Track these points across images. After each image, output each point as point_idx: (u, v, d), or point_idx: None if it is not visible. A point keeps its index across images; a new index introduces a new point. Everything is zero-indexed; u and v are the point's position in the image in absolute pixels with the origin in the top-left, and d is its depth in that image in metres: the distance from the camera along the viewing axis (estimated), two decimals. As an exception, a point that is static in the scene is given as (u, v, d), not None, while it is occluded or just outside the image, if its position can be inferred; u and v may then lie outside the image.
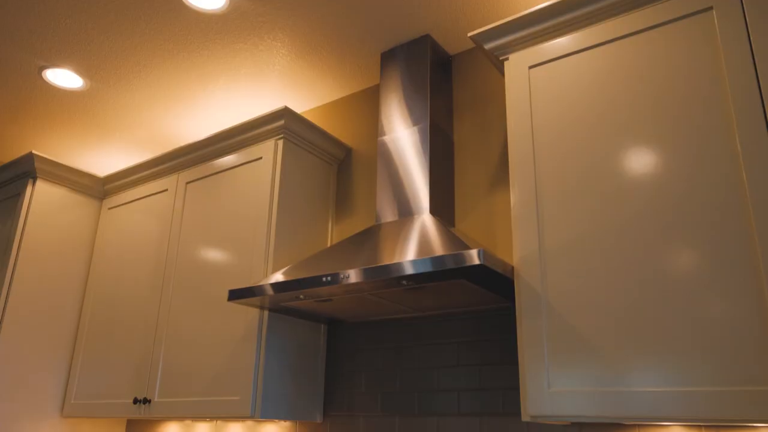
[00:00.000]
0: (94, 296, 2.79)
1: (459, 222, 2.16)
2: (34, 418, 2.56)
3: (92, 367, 2.63)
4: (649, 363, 1.34)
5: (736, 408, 1.21)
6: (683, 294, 1.34)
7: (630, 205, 1.47)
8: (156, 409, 2.28)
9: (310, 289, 1.77)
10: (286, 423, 2.34)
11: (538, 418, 1.46)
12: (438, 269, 1.54)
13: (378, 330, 2.23)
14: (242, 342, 2.11)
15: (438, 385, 2.02)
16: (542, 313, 1.52)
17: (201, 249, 2.42)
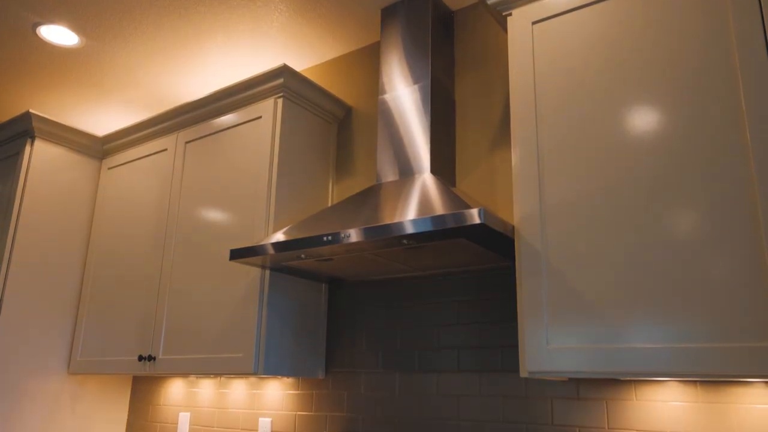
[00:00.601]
0: (96, 256, 2.81)
1: (460, 181, 2.15)
2: (42, 375, 2.62)
3: (96, 325, 2.67)
4: (647, 320, 1.35)
5: (731, 363, 1.23)
6: (683, 252, 1.34)
7: (632, 164, 1.46)
8: (161, 365, 2.32)
9: (311, 248, 1.78)
10: (288, 379, 2.39)
11: (536, 374, 1.48)
12: (438, 228, 1.54)
13: (378, 289, 2.25)
14: (244, 300, 2.14)
15: (438, 343, 2.05)
16: (542, 271, 1.53)
17: (202, 209, 2.42)
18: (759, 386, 1.48)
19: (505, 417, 1.85)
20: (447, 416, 1.96)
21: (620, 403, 1.67)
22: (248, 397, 2.49)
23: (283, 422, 2.35)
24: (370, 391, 2.16)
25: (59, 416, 2.65)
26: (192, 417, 2.67)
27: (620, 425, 1.65)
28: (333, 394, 2.25)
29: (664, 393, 1.61)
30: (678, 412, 1.58)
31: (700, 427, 1.54)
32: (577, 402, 1.74)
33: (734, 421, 1.50)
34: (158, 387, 2.85)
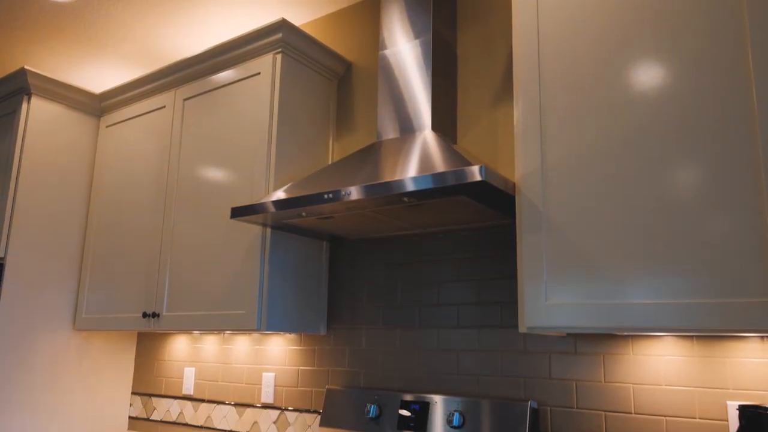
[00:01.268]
0: (97, 214, 2.81)
1: (461, 138, 2.14)
2: (48, 332, 2.66)
3: (100, 282, 2.69)
4: (646, 277, 1.36)
5: (729, 318, 1.25)
6: (684, 209, 1.34)
7: (635, 121, 1.44)
8: (165, 322, 2.36)
9: (312, 206, 1.78)
10: (291, 335, 2.43)
11: (535, 329, 1.50)
12: (439, 186, 1.54)
13: (379, 247, 2.26)
14: (246, 258, 2.15)
15: (438, 300, 2.07)
16: (542, 229, 1.53)
17: (202, 167, 2.41)
18: (754, 341, 1.50)
19: (503, 371, 1.89)
20: (447, 371, 2.00)
21: (617, 357, 1.70)
22: (251, 352, 2.54)
23: (286, 376, 2.40)
24: (371, 346, 2.20)
25: (66, 371, 2.70)
26: (197, 372, 2.72)
27: (616, 379, 1.68)
28: (334, 350, 2.29)
29: (660, 347, 1.63)
30: (673, 365, 1.61)
31: (695, 380, 1.57)
32: (574, 357, 1.77)
33: (728, 374, 1.52)
34: (163, 343, 2.90)
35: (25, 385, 2.56)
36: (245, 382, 2.53)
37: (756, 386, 1.48)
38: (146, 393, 2.90)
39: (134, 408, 2.92)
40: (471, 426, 1.80)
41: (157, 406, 2.83)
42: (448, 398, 1.88)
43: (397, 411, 1.96)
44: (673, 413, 1.58)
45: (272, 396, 2.42)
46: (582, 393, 1.74)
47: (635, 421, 1.64)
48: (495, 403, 1.79)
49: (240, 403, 2.52)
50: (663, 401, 1.60)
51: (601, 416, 1.69)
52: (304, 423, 2.30)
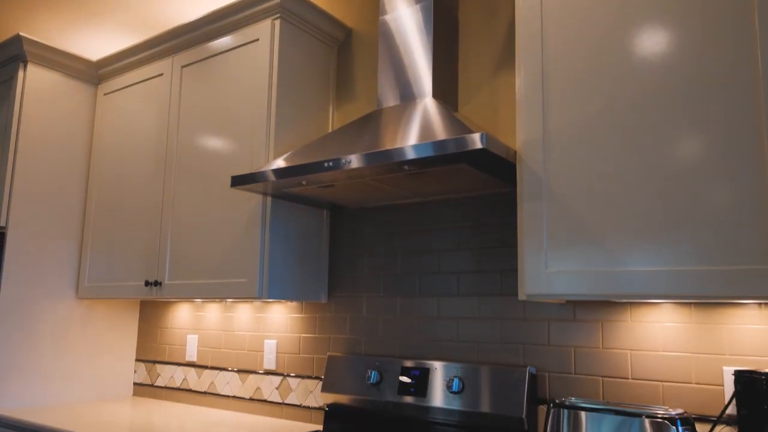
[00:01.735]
0: (97, 183, 2.81)
1: (462, 106, 2.12)
2: (51, 300, 2.68)
3: (102, 251, 2.71)
4: (646, 245, 1.37)
5: (728, 285, 1.25)
6: (685, 177, 1.34)
7: (638, 88, 1.43)
8: (167, 290, 2.38)
9: (312, 174, 1.77)
10: (292, 303, 2.45)
11: (534, 296, 1.51)
12: (439, 154, 1.53)
13: (380, 215, 2.26)
14: (247, 227, 2.16)
15: (438, 268, 2.08)
16: (543, 197, 1.53)
17: (201, 135, 2.39)
18: (751, 307, 1.51)
19: (503, 338, 1.91)
20: (447, 338, 2.02)
21: (615, 324, 1.71)
22: (253, 320, 2.57)
23: (288, 344, 2.43)
24: (372, 314, 2.22)
25: (71, 339, 2.74)
26: (199, 339, 2.75)
27: (614, 345, 1.70)
28: (336, 318, 2.31)
29: (659, 314, 1.65)
30: (671, 332, 1.62)
31: (692, 346, 1.59)
32: (573, 323, 1.78)
33: (725, 340, 1.54)
34: (166, 311, 2.93)
35: (32, 351, 2.59)
36: (247, 349, 2.56)
37: (752, 352, 1.50)
38: (150, 360, 2.94)
39: (138, 374, 2.97)
40: (470, 391, 1.83)
41: (161, 372, 2.87)
42: (447, 364, 1.91)
43: (398, 377, 1.99)
44: (669, 378, 1.61)
45: (274, 363, 2.45)
46: (580, 359, 1.76)
47: (632, 386, 1.66)
48: (494, 369, 1.82)
49: (243, 370, 2.56)
50: (660, 367, 1.63)
51: (599, 381, 1.72)
52: (306, 389, 2.34)
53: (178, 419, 2.35)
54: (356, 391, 2.06)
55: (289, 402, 2.38)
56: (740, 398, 1.40)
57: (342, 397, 2.09)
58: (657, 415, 1.44)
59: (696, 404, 1.56)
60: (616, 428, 1.48)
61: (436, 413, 1.88)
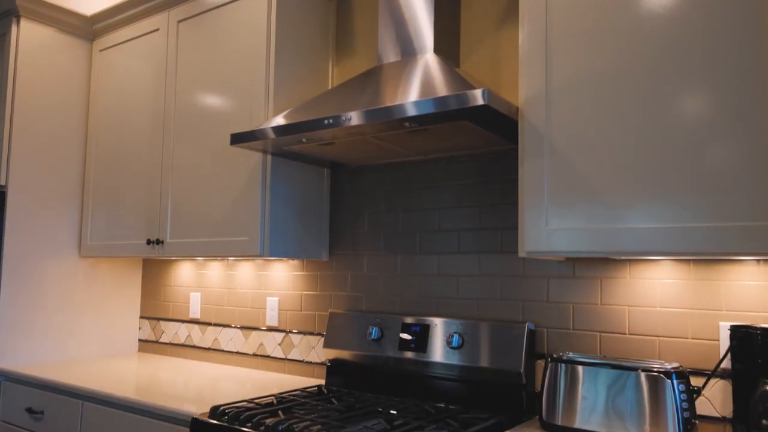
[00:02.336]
0: (96, 142, 2.79)
1: (464, 61, 2.08)
2: (54, 259, 2.70)
3: (103, 210, 2.71)
4: (646, 202, 1.36)
5: (728, 242, 1.26)
6: (687, 135, 1.33)
7: (643, 44, 1.40)
8: (169, 249, 2.39)
9: (312, 132, 1.76)
10: (293, 261, 2.47)
11: (534, 254, 1.52)
12: (441, 110, 1.51)
13: (380, 173, 2.25)
14: (247, 185, 2.15)
15: (439, 226, 2.08)
16: (545, 154, 1.52)
17: (199, 93, 2.36)
18: (750, 264, 1.52)
19: (502, 295, 1.93)
20: (447, 295, 2.04)
21: (614, 281, 1.73)
22: (255, 278, 2.59)
23: (290, 301, 2.46)
24: (373, 272, 2.24)
25: (75, 297, 2.77)
26: (202, 297, 2.79)
27: (613, 301, 1.72)
28: (337, 275, 2.33)
29: (658, 271, 1.66)
30: (669, 288, 1.64)
31: (690, 302, 1.60)
32: (572, 281, 1.80)
33: (722, 296, 1.56)
34: (168, 269, 2.96)
35: (37, 309, 2.62)
36: (250, 307, 2.60)
37: (749, 308, 1.52)
38: (154, 317, 2.98)
39: (143, 331, 3.02)
40: (470, 347, 1.86)
41: (165, 329, 2.92)
42: (447, 321, 1.93)
43: (399, 333, 2.02)
44: (666, 334, 1.63)
45: (277, 319, 2.49)
46: (578, 315, 1.78)
47: (629, 341, 1.69)
48: (493, 325, 1.84)
49: (245, 327, 2.60)
50: (657, 322, 1.65)
51: (596, 337, 1.74)
52: (308, 345, 2.38)
53: (184, 374, 2.40)
54: (357, 347, 2.09)
55: (291, 357, 2.42)
56: (735, 353, 1.42)
57: (343, 352, 2.13)
58: (653, 368, 1.47)
59: (692, 359, 1.59)
60: (612, 382, 1.51)
61: (436, 368, 1.92)
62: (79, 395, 2.16)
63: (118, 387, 2.11)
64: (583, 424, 1.53)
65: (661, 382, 1.44)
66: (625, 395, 1.48)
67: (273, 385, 2.22)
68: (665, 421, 1.42)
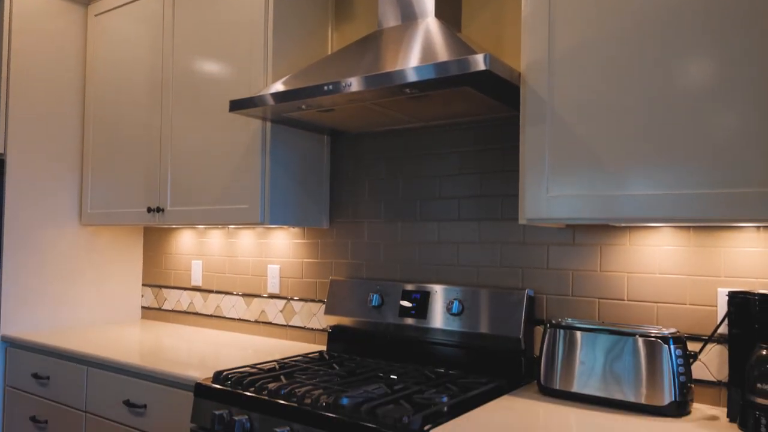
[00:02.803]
0: (93, 109, 2.76)
1: (465, 26, 2.05)
2: (55, 227, 2.71)
3: (103, 178, 2.70)
4: (648, 169, 1.36)
5: (727, 208, 1.26)
6: (693, 103, 1.31)
7: (647, 10, 1.37)
8: (169, 217, 2.39)
9: (312, 98, 1.74)
10: (294, 229, 2.47)
11: (534, 221, 1.52)
12: (441, 76, 1.49)
13: (381, 140, 2.24)
14: (247, 153, 2.14)
15: (439, 193, 2.08)
16: (546, 120, 1.50)
17: (197, 58, 2.33)
18: (749, 231, 1.53)
19: (502, 262, 1.94)
20: (447, 262, 2.05)
21: (614, 248, 1.73)
22: (256, 246, 2.60)
23: (291, 268, 2.47)
24: (373, 239, 2.24)
25: (78, 265, 2.78)
26: (204, 264, 2.80)
27: (612, 268, 1.73)
28: (337, 243, 2.34)
29: (657, 238, 1.66)
30: (669, 255, 1.64)
31: (689, 268, 1.61)
32: (572, 248, 1.80)
33: (721, 263, 1.56)
34: (169, 237, 2.97)
35: (40, 277, 2.64)
36: (251, 274, 2.61)
37: (747, 274, 1.52)
38: (156, 285, 3.00)
39: (146, 298, 3.04)
40: (470, 313, 1.87)
41: (167, 296, 2.94)
42: (448, 288, 1.95)
43: (399, 300, 2.03)
44: (664, 300, 1.64)
45: (278, 287, 2.51)
46: (578, 282, 1.79)
47: (627, 307, 1.70)
48: (493, 291, 1.86)
49: (247, 294, 2.62)
50: (655, 289, 1.66)
51: (595, 303, 1.76)
52: (310, 311, 2.40)
53: (187, 340, 2.43)
54: (358, 314, 2.11)
55: (293, 324, 2.45)
56: (732, 318, 1.43)
57: (344, 319, 2.15)
58: (650, 334, 1.48)
59: (689, 324, 1.60)
60: (610, 347, 1.53)
61: (436, 334, 1.94)
62: (85, 361, 2.19)
63: (123, 353, 2.14)
64: (580, 389, 1.55)
65: (658, 347, 1.46)
66: (622, 360, 1.50)
67: (275, 351, 2.25)
68: (661, 384, 1.44)
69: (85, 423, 2.16)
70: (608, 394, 1.51)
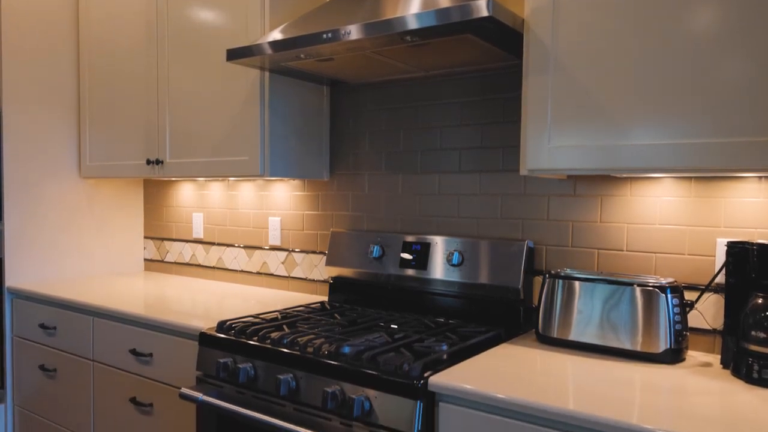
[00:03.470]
0: (89, 60, 2.71)
1: (468, -28, 1.99)
2: (55, 180, 2.70)
3: (101, 130, 2.68)
4: (651, 118, 1.34)
5: (729, 157, 1.25)
6: (700, 51, 1.28)
7: (659, -54, 1.32)
8: (169, 169, 2.38)
9: (310, 47, 1.70)
10: (294, 181, 2.47)
11: (535, 171, 1.51)
12: (443, 23, 1.46)
13: (381, 91, 2.21)
14: (246, 104, 2.11)
15: (440, 144, 2.07)
16: (550, 68, 1.48)
17: (193, 7, 2.27)
18: (751, 181, 1.52)
19: (503, 214, 1.94)
20: (447, 214, 2.06)
21: (614, 199, 1.73)
22: (257, 198, 2.60)
23: (292, 221, 2.48)
24: (374, 191, 2.24)
25: (79, 217, 2.79)
26: (205, 217, 2.81)
27: (612, 219, 1.74)
28: (338, 195, 2.34)
29: (658, 189, 1.66)
30: (669, 206, 1.64)
31: (689, 219, 1.61)
32: (573, 199, 1.80)
33: (722, 213, 1.56)
34: (169, 190, 2.97)
35: (41, 230, 2.66)
36: (252, 227, 2.62)
37: (747, 224, 1.53)
38: (158, 237, 3.02)
39: (148, 251, 3.07)
40: (469, 264, 1.89)
41: (169, 249, 2.96)
42: (448, 239, 1.96)
43: (400, 251, 2.05)
44: (663, 250, 1.65)
45: (279, 239, 2.52)
46: (577, 233, 1.80)
47: (626, 257, 1.71)
48: (493, 242, 1.87)
49: (249, 246, 2.64)
50: (655, 239, 1.67)
51: (594, 253, 1.77)
52: (311, 263, 2.42)
53: (190, 291, 2.47)
54: (359, 265, 2.13)
55: (294, 275, 2.48)
56: (730, 268, 1.44)
57: (345, 270, 2.17)
58: (648, 283, 1.50)
59: (687, 274, 1.62)
60: (608, 297, 1.55)
61: (436, 285, 1.96)
62: (90, 312, 2.22)
63: (128, 303, 2.17)
64: (577, 337, 1.58)
65: (656, 296, 1.48)
66: (619, 309, 1.52)
67: (277, 301, 2.28)
68: (657, 332, 1.47)
69: (93, 371, 2.21)
70: (605, 342, 1.54)
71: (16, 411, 2.57)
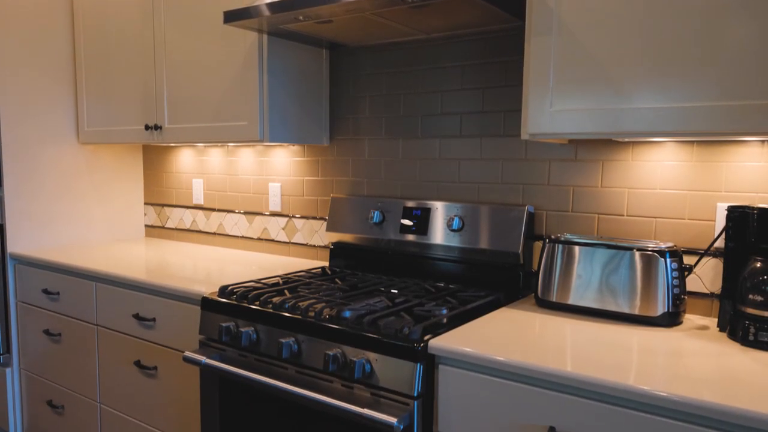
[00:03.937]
0: (83, 24, 2.67)
1: (470, -70, 1.93)
2: (54, 145, 2.69)
3: (99, 96, 2.65)
4: (656, 82, 1.32)
5: (732, 121, 1.24)
6: (707, 13, 1.26)
7: None
8: (167, 134, 2.37)
9: (309, 8, 1.67)
10: (294, 147, 2.45)
11: (537, 136, 1.50)
12: (445, -17, 1.42)
13: (381, 54, 2.18)
14: (244, 68, 2.09)
15: (441, 109, 2.05)
16: (552, 30, 1.45)
17: (188, -33, 2.22)
18: (754, 145, 1.51)
19: (503, 179, 1.93)
20: (448, 179, 2.05)
21: (615, 163, 1.72)
22: (257, 164, 2.59)
23: (292, 186, 2.48)
24: (374, 156, 2.23)
25: (79, 183, 2.79)
26: (205, 183, 2.80)
27: (613, 184, 1.73)
28: (338, 160, 2.33)
29: (660, 153, 1.65)
30: (670, 170, 1.64)
31: (690, 183, 1.61)
32: (574, 164, 1.80)
33: (723, 178, 1.56)
34: (169, 156, 2.95)
35: (41, 196, 2.65)
36: (252, 192, 2.62)
37: (748, 189, 1.52)
38: (158, 203, 3.02)
39: (148, 217, 3.07)
40: (470, 229, 1.89)
41: (170, 215, 2.97)
42: (448, 204, 1.96)
43: (400, 216, 2.05)
44: (663, 215, 1.65)
45: (279, 205, 2.52)
46: (578, 197, 1.80)
47: (626, 222, 1.72)
48: (493, 207, 1.87)
49: (249, 212, 2.64)
50: (655, 204, 1.67)
51: (594, 218, 1.77)
52: (312, 228, 2.43)
53: (191, 257, 2.48)
54: (359, 231, 2.14)
55: (295, 241, 2.48)
56: (730, 232, 1.45)
57: (346, 236, 2.18)
58: (647, 248, 1.51)
59: (687, 239, 1.62)
60: (607, 261, 1.56)
61: (436, 250, 1.97)
62: (93, 277, 2.24)
63: (129, 269, 2.18)
64: (576, 301, 1.59)
65: (654, 260, 1.49)
66: (618, 273, 1.53)
67: (278, 267, 2.29)
68: (655, 296, 1.48)
69: (97, 335, 2.24)
70: (603, 306, 1.55)
71: (22, 374, 2.61)
